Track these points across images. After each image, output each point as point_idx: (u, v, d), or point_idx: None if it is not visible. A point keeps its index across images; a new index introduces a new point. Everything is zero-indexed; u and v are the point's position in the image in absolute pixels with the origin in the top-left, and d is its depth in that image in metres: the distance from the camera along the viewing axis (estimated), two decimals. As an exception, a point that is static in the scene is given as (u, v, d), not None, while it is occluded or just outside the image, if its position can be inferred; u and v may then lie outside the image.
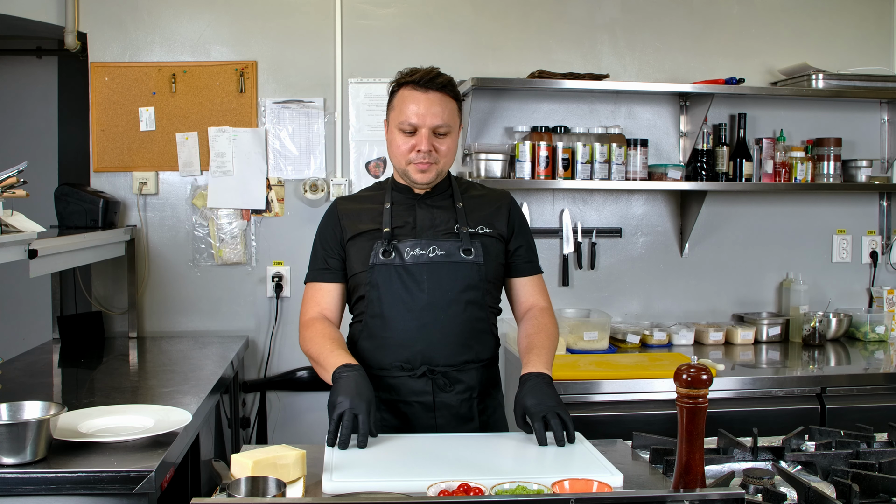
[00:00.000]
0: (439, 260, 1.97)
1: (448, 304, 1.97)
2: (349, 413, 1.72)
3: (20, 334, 3.67)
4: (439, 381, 1.98)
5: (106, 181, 3.32)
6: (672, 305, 3.58)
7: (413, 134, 1.96)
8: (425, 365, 1.97)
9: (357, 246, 2.02)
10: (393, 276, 1.97)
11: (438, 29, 3.40)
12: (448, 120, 1.97)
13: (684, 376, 1.42)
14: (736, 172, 3.41)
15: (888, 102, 3.65)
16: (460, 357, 2.00)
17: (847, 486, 1.50)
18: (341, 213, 2.08)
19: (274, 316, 3.39)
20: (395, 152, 2.01)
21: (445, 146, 1.99)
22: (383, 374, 2.00)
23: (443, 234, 2.01)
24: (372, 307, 2.00)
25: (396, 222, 2.03)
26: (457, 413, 2.00)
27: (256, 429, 3.40)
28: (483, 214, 2.06)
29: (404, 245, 1.98)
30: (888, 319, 3.50)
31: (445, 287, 1.97)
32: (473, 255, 1.99)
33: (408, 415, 1.99)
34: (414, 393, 1.99)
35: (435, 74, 1.97)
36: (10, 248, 2.14)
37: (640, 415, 2.71)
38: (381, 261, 1.97)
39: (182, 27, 3.33)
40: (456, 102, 2.01)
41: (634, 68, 3.53)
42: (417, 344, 1.97)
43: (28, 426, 1.68)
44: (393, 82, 2.03)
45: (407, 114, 1.95)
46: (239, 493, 1.42)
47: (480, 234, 2.02)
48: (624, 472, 1.60)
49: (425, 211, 2.04)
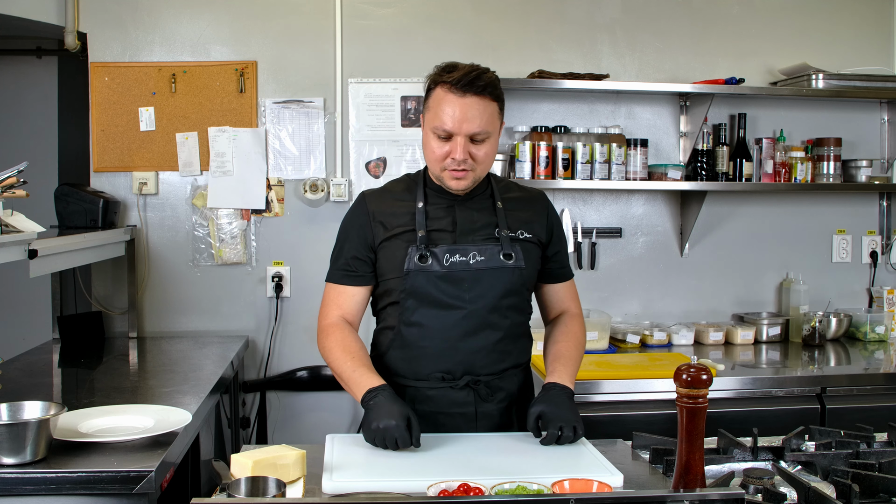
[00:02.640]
0: (480, 266, 1.88)
1: (490, 311, 1.89)
2: (388, 440, 1.69)
3: (20, 334, 3.67)
4: (481, 390, 1.91)
5: (106, 181, 3.32)
6: (672, 305, 3.58)
7: (448, 139, 1.83)
8: (468, 375, 1.90)
9: (390, 249, 1.91)
10: (431, 284, 1.86)
11: (438, 29, 3.40)
12: (486, 126, 1.83)
13: (684, 376, 1.42)
14: (736, 172, 3.41)
15: (888, 102, 3.65)
16: (501, 364, 1.93)
17: (847, 486, 1.50)
18: (373, 212, 1.94)
19: (274, 316, 3.39)
20: (429, 156, 1.89)
21: (483, 152, 1.85)
22: (420, 385, 1.92)
23: (482, 239, 1.91)
24: (407, 315, 1.90)
25: (432, 224, 1.91)
26: (498, 422, 1.95)
27: (256, 429, 3.40)
28: (523, 218, 1.97)
29: (443, 250, 1.87)
30: (888, 319, 3.50)
31: (487, 294, 1.88)
32: (514, 259, 1.90)
33: (448, 427, 1.91)
34: (455, 404, 1.91)
35: (475, 76, 1.82)
36: (10, 248, 2.14)
37: (640, 415, 2.71)
38: (418, 267, 1.86)
39: (182, 27, 3.33)
40: (497, 104, 1.87)
41: (634, 68, 3.53)
42: (459, 354, 1.88)
43: (28, 426, 1.68)
44: (430, 78, 1.89)
45: (442, 118, 1.82)
46: (239, 493, 1.42)
47: (521, 239, 1.94)
48: (624, 472, 1.60)
49: (465, 213, 1.93)
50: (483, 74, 1.85)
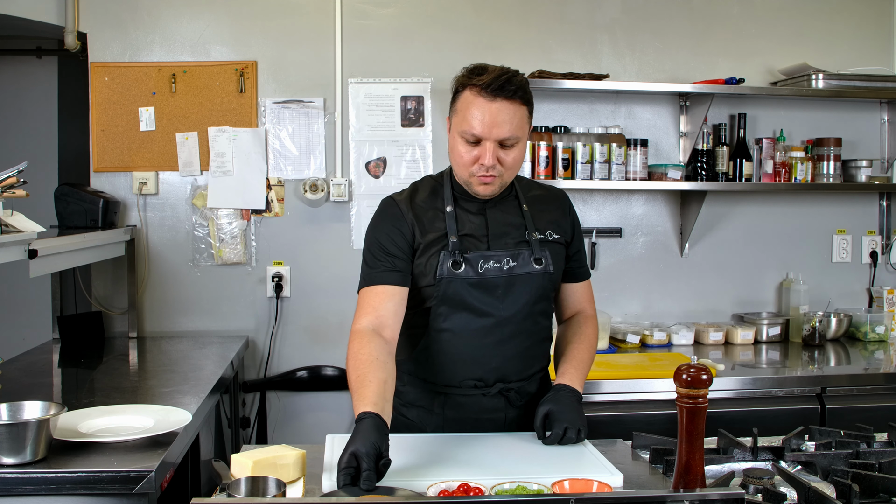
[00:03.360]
0: (514, 272, 1.85)
1: (523, 317, 1.87)
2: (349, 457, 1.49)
3: (20, 334, 3.67)
4: (512, 397, 1.90)
5: (106, 181, 3.32)
6: (672, 305, 3.58)
7: (477, 144, 1.78)
8: (500, 383, 1.88)
9: (422, 254, 1.85)
10: (465, 290, 1.83)
11: (438, 29, 3.40)
12: (516, 131, 1.78)
13: (684, 376, 1.42)
14: (736, 172, 3.41)
15: (888, 102, 3.65)
16: (530, 370, 1.92)
17: (847, 486, 1.50)
18: (409, 214, 1.88)
19: (274, 316, 3.38)
20: (456, 160, 1.83)
21: (512, 157, 1.80)
22: (451, 392, 1.90)
23: (514, 244, 1.88)
24: (438, 322, 1.85)
25: (463, 229, 1.86)
26: (522, 426, 1.93)
27: (256, 429, 3.40)
28: (549, 218, 1.94)
29: (476, 256, 1.83)
30: (888, 319, 3.50)
31: (520, 300, 1.86)
32: (544, 264, 1.87)
33: (476, 431, 1.88)
34: (486, 411, 1.89)
35: (506, 79, 1.77)
36: (10, 248, 2.14)
37: (640, 415, 2.71)
38: (452, 273, 1.82)
39: (182, 27, 3.33)
40: (527, 108, 1.82)
41: (634, 68, 3.53)
42: (493, 361, 1.86)
43: (28, 426, 1.68)
44: (457, 80, 1.83)
45: (471, 122, 1.76)
46: (239, 493, 1.42)
47: (549, 241, 1.91)
48: (624, 472, 1.60)
49: (495, 216, 1.89)
50: (513, 78, 1.80)
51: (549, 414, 1.78)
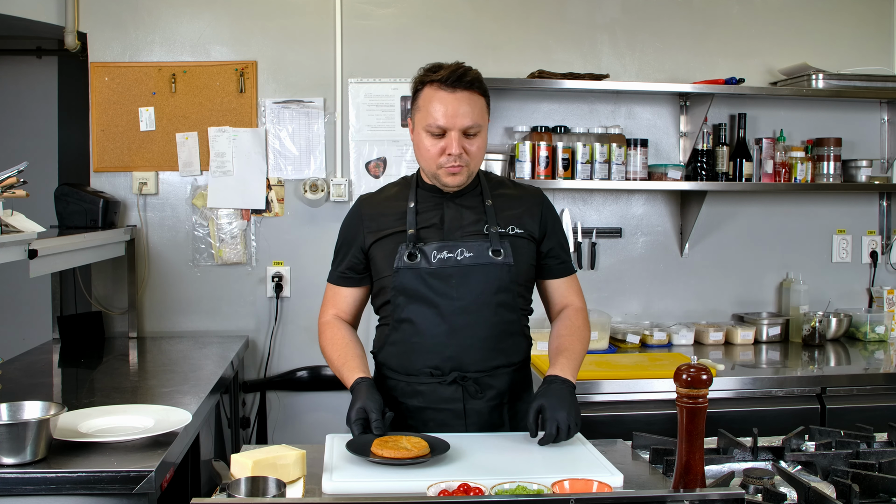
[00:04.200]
0: (468, 262, 1.90)
1: (479, 307, 1.90)
2: (358, 410, 1.78)
3: (20, 334, 3.67)
4: (470, 387, 1.92)
5: (106, 181, 3.32)
6: (672, 305, 3.58)
7: (442, 136, 1.88)
8: (456, 371, 1.92)
9: (382, 248, 1.95)
10: (420, 281, 1.90)
11: (438, 29, 3.40)
12: (478, 119, 1.89)
13: (684, 376, 1.42)
14: (736, 172, 3.41)
15: (888, 102, 3.65)
16: (491, 362, 1.94)
17: (847, 486, 1.50)
18: (364, 216, 2.01)
19: (274, 316, 3.39)
20: (423, 155, 1.93)
21: (475, 146, 1.90)
22: (412, 381, 1.96)
23: (471, 235, 1.94)
24: (398, 312, 1.94)
25: (422, 223, 1.95)
26: (487, 420, 1.95)
27: (256, 429, 3.40)
28: (514, 213, 1.98)
29: (430, 248, 1.91)
30: (888, 319, 3.50)
31: (475, 290, 1.90)
32: (503, 255, 1.91)
33: (437, 422, 1.94)
34: (444, 400, 1.93)
35: (462, 72, 1.88)
36: (10, 248, 2.14)
37: (640, 415, 2.71)
38: (407, 264, 1.90)
39: (182, 27, 3.33)
40: (485, 99, 1.92)
41: (634, 68, 3.53)
42: (447, 350, 1.91)
43: (28, 426, 1.68)
44: (416, 80, 1.93)
45: (435, 115, 1.87)
46: (239, 493, 1.42)
47: (510, 235, 1.95)
48: (624, 472, 1.60)
49: (453, 210, 1.96)
50: (469, 71, 1.91)
51: (542, 410, 1.79)
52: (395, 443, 1.66)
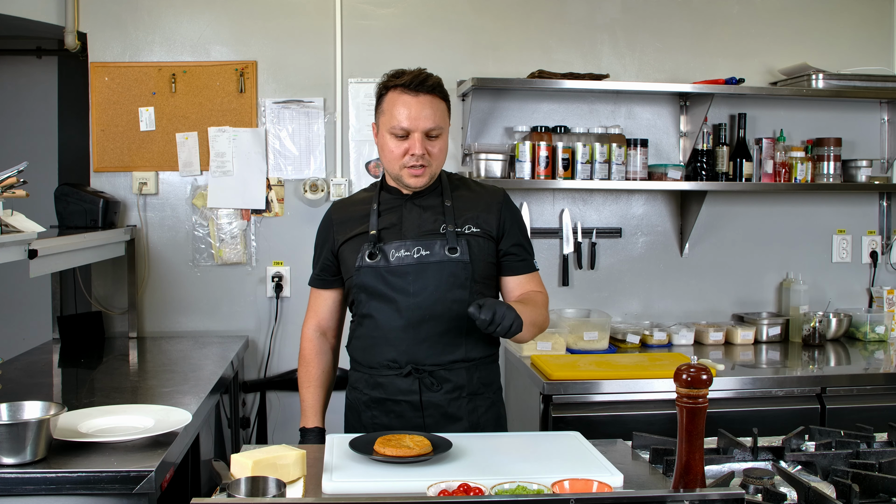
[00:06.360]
0: (424, 260, 1.98)
1: (433, 303, 1.98)
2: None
3: (20, 334, 3.67)
4: (426, 380, 2.00)
5: (106, 181, 3.33)
6: (672, 305, 3.58)
7: (405, 138, 1.97)
8: (411, 364, 2.00)
9: (349, 250, 2.05)
10: (378, 278, 1.99)
11: (438, 29, 3.40)
12: (439, 122, 1.98)
13: (684, 376, 1.42)
14: (736, 172, 3.41)
15: (888, 102, 3.65)
16: (447, 356, 2.01)
17: (847, 486, 1.50)
18: (334, 220, 2.12)
19: (274, 316, 3.39)
20: (387, 157, 2.01)
21: (437, 148, 2.00)
22: (373, 373, 2.05)
23: (428, 234, 2.02)
24: (360, 308, 2.04)
25: (383, 224, 2.05)
26: (445, 412, 2.01)
27: (256, 429, 3.40)
28: (472, 213, 2.06)
29: (390, 247, 2.00)
30: (888, 319, 3.50)
31: (431, 286, 1.98)
32: (459, 253, 1.98)
33: (396, 413, 2.02)
34: (401, 392, 2.01)
35: (424, 77, 1.98)
36: (10, 248, 2.14)
37: (640, 415, 2.71)
38: (367, 263, 2.00)
39: (182, 27, 3.33)
40: (445, 103, 2.02)
41: (634, 68, 3.53)
42: (403, 343, 1.99)
43: (28, 426, 1.68)
44: (380, 85, 2.02)
45: (398, 118, 1.95)
46: (239, 493, 1.42)
47: (467, 234, 2.02)
48: (624, 472, 1.60)
49: (412, 211, 2.05)
50: (430, 76, 2.00)
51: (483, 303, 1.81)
52: (398, 441, 1.67)
